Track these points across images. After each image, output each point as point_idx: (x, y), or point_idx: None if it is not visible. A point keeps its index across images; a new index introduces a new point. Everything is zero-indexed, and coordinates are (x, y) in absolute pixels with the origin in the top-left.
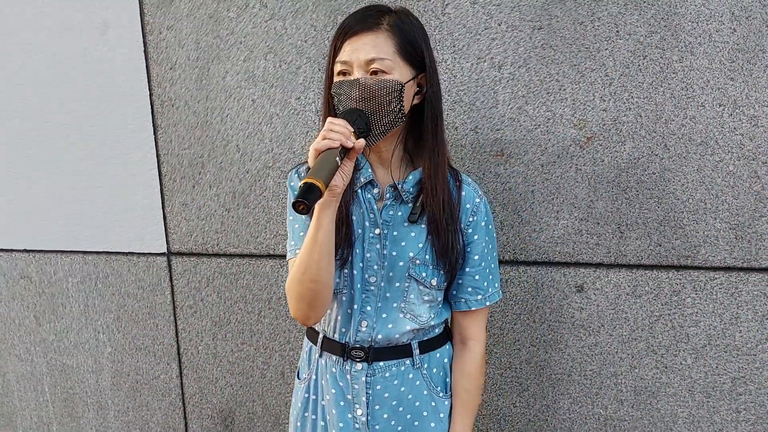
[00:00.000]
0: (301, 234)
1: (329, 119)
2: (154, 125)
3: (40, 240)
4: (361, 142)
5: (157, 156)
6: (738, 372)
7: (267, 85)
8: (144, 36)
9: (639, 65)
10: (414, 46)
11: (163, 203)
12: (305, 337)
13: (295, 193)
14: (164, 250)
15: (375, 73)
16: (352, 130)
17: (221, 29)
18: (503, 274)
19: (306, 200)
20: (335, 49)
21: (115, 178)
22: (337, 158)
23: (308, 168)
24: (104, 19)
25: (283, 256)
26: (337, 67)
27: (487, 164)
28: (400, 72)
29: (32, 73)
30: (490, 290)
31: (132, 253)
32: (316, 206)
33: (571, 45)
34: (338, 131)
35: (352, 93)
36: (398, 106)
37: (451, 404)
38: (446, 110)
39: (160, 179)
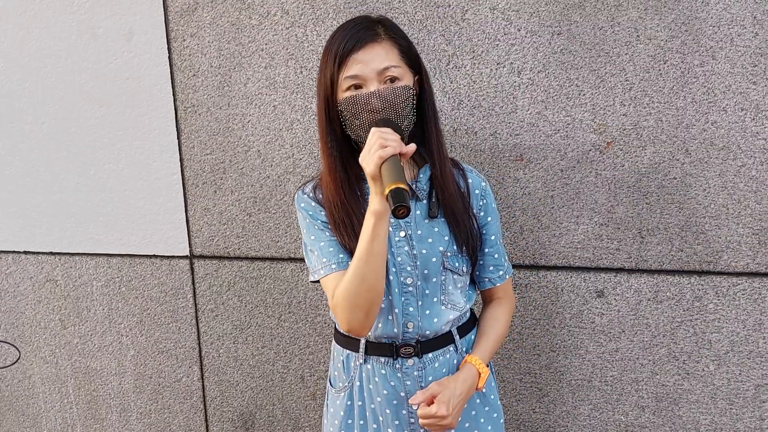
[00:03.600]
0: (331, 249)
1: (376, 129)
2: (177, 131)
3: (65, 243)
4: (413, 146)
5: (181, 161)
6: (761, 379)
7: (288, 91)
8: (168, 43)
9: (659, 70)
10: (411, 50)
11: (186, 207)
12: (337, 347)
13: (310, 213)
14: (187, 253)
15: (391, 81)
16: (399, 136)
17: (243, 37)
18: (522, 278)
19: (404, 204)
20: (338, 66)
21: (140, 182)
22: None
23: (316, 185)
24: (130, 26)
25: (303, 261)
26: (346, 83)
27: (507, 169)
28: (407, 76)
29: (60, 79)
30: (506, 264)
31: (155, 256)
32: (372, 218)
33: (590, 50)
34: (393, 138)
35: (371, 104)
36: (412, 110)
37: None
38: (466, 115)
39: (183, 184)
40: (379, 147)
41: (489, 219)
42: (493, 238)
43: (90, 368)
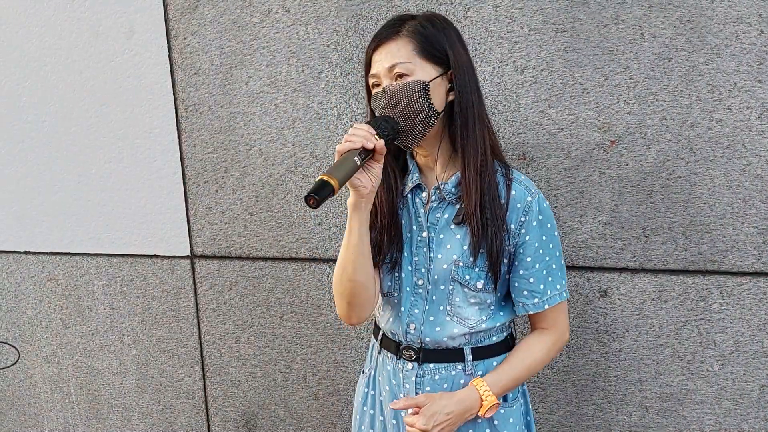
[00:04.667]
0: None
1: (355, 125)
2: (178, 129)
3: (67, 242)
4: (381, 143)
5: (182, 160)
6: (767, 379)
7: (290, 89)
8: (169, 41)
9: (664, 68)
10: (435, 45)
11: (187, 207)
12: (372, 332)
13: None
14: (188, 253)
15: (400, 77)
16: (374, 132)
17: (244, 35)
18: None
19: (316, 195)
20: (368, 65)
21: (141, 181)
22: (357, 159)
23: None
24: (130, 24)
25: (306, 260)
26: (371, 81)
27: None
28: (423, 72)
29: (61, 78)
30: (549, 292)
31: (156, 256)
32: (349, 208)
33: (594, 48)
34: (359, 134)
35: (381, 101)
36: (426, 106)
37: (508, 411)
38: None
39: (184, 183)
40: (344, 141)
41: (527, 238)
42: (529, 260)
43: (92, 368)
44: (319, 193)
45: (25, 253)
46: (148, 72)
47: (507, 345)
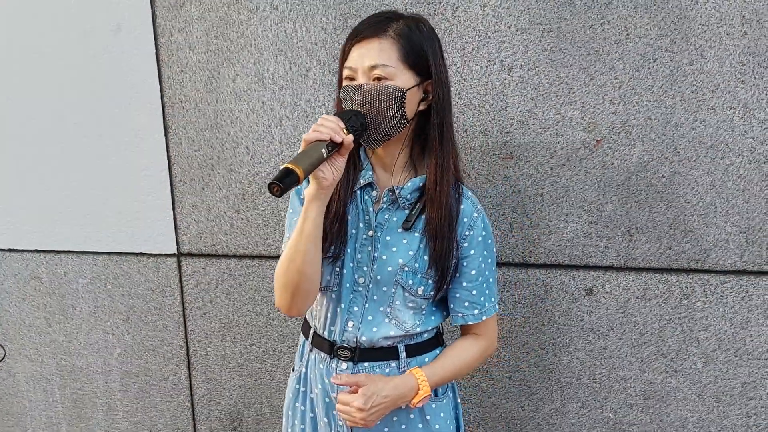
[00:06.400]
0: (294, 220)
1: (323, 116)
2: (165, 127)
3: (50, 240)
4: (350, 138)
5: (168, 158)
6: (748, 377)
7: (277, 87)
8: (156, 38)
9: (649, 68)
10: (419, 54)
11: (173, 204)
12: (301, 331)
13: (298, 189)
14: (174, 251)
15: (378, 79)
16: (343, 126)
17: (231, 32)
18: (512, 276)
19: (281, 183)
20: (344, 54)
21: (126, 179)
22: (323, 150)
23: None
24: (117, 21)
25: None
26: (345, 72)
27: (496, 167)
28: (403, 78)
29: (46, 75)
30: (486, 305)
31: (142, 254)
32: (306, 197)
33: (580, 48)
34: (328, 126)
35: (355, 98)
36: (399, 112)
37: (440, 406)
38: (455, 113)
39: (171, 181)
40: (311, 130)
41: (472, 252)
42: (473, 273)
43: (75, 366)
44: (284, 181)
45: (9, 250)
46: (135, 69)
47: (437, 340)
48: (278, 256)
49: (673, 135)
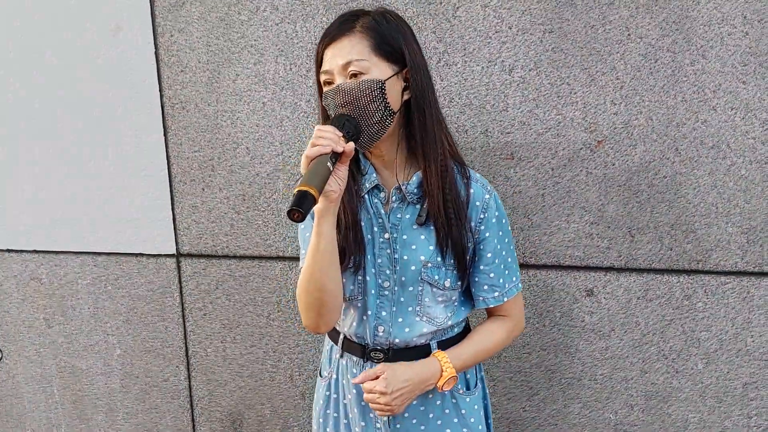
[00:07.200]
0: (307, 235)
1: (317, 127)
2: (164, 128)
3: (50, 241)
4: (351, 145)
5: (168, 158)
6: (750, 377)
7: (277, 88)
8: (155, 39)
9: (650, 68)
10: (390, 43)
11: (173, 205)
12: (326, 336)
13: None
14: (174, 251)
15: (355, 75)
16: (341, 134)
17: (232, 32)
18: None
19: (300, 208)
20: (318, 60)
21: (126, 179)
22: (329, 164)
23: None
24: (117, 22)
25: (293, 258)
26: (323, 77)
27: (497, 167)
28: (379, 70)
29: (46, 76)
30: (507, 285)
31: (142, 255)
32: (316, 214)
33: (582, 48)
34: (327, 137)
35: (336, 100)
36: (382, 105)
37: (473, 399)
38: (457, 113)
39: (170, 181)
40: (310, 145)
41: (487, 235)
42: (489, 255)
43: (75, 368)
44: (302, 206)
45: (8, 251)
46: (134, 69)
47: (466, 334)
48: (278, 257)
49: (674, 135)
